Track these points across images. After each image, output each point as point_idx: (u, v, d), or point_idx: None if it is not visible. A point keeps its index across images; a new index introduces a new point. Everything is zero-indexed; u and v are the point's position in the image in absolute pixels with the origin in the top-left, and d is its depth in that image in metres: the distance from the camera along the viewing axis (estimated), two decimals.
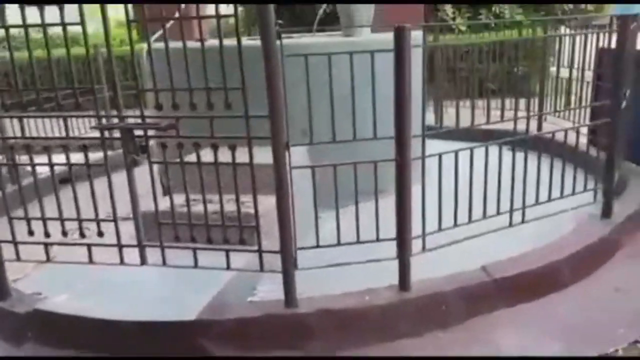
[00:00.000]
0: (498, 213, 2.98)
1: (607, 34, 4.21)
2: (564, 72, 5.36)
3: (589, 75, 4.75)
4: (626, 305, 2.75)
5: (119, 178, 2.60)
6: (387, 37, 2.51)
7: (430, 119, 5.88)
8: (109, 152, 2.67)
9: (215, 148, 2.47)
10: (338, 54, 2.53)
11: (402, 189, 2.55)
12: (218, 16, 2.33)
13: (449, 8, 8.71)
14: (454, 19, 8.67)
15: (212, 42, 2.46)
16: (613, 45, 3.36)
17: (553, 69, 5.85)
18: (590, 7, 9.37)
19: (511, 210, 3.02)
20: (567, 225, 3.21)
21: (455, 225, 2.86)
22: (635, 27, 3.42)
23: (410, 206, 2.57)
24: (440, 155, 2.73)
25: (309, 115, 2.50)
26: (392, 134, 2.50)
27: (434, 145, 2.81)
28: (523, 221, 3.06)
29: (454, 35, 8.12)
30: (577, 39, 4.83)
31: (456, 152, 2.79)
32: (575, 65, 4.92)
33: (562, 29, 6.12)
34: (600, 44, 4.40)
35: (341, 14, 4.08)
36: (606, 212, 3.38)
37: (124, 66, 6.29)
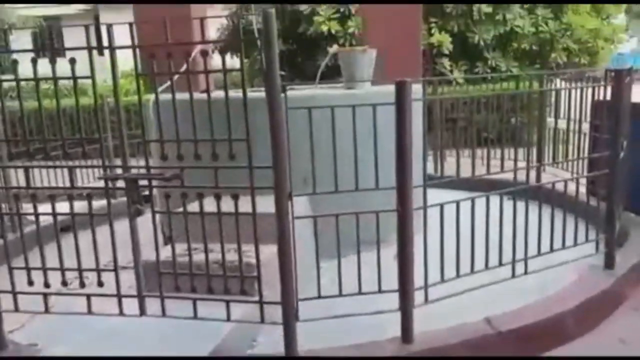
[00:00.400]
0: (500, 264, 2.96)
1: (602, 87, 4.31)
2: (562, 123, 5.45)
3: (585, 126, 4.83)
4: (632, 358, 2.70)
5: (121, 226, 2.60)
6: (388, 90, 2.56)
7: (430, 167, 5.93)
8: (112, 201, 2.68)
9: (218, 198, 2.48)
10: (341, 107, 2.58)
11: (404, 240, 2.55)
12: (225, 70, 2.40)
13: (446, 61, 8.93)
14: (451, 71, 8.88)
15: (217, 94, 2.52)
16: (608, 97, 3.44)
17: (550, 120, 5.95)
18: (583, 60, 9.62)
19: (513, 261, 3.00)
20: (570, 277, 3.19)
21: (458, 276, 2.83)
22: (630, 81, 3.51)
23: (412, 257, 2.56)
24: (441, 206, 2.74)
25: (312, 166, 2.53)
26: (394, 184, 2.53)
27: (435, 195, 2.82)
28: (526, 272, 3.04)
29: (451, 87, 8.29)
30: (573, 91, 4.94)
31: (457, 202, 2.80)
32: (572, 117, 5.01)
33: (557, 82, 6.26)
34: (596, 97, 4.49)
35: (343, 68, 4.19)
36: (609, 263, 3.37)
37: (127, 116, 6.40)
